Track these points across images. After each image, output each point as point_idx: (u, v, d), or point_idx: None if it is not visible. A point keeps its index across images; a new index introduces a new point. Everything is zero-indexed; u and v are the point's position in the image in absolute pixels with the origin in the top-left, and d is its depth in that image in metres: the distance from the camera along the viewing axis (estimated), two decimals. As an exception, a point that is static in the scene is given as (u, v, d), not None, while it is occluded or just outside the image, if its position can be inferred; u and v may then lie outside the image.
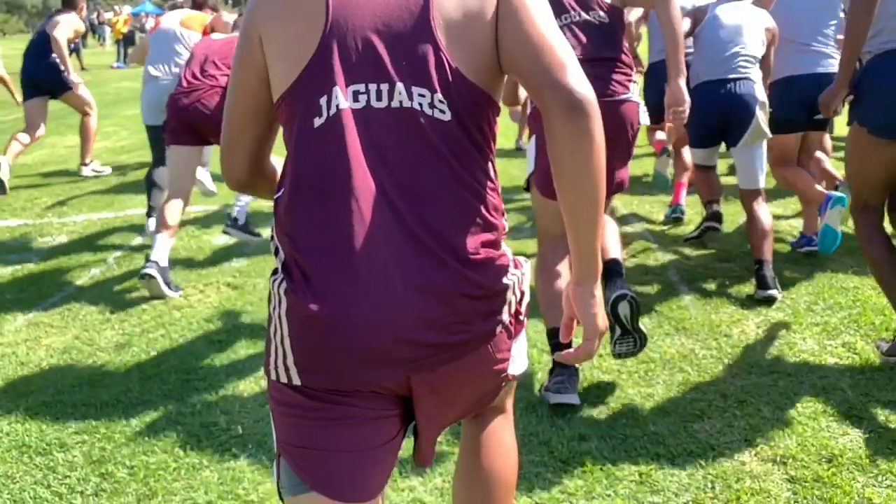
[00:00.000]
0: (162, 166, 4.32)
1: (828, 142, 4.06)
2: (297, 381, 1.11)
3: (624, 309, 2.47)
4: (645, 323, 3.02)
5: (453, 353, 1.11)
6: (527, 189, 2.70)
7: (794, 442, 2.18)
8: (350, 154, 1.08)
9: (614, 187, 2.54)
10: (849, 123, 2.67)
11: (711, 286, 3.40)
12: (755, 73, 3.42)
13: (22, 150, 5.88)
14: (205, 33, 4.40)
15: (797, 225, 4.10)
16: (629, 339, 2.52)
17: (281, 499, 1.19)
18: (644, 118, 2.58)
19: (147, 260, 3.53)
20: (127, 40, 21.00)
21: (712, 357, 2.73)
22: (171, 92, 3.87)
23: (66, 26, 5.93)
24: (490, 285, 1.12)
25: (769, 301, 3.16)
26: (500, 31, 1.11)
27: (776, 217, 4.38)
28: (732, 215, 4.49)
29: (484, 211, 1.13)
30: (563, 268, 2.51)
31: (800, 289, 3.31)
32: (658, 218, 4.52)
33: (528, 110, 2.61)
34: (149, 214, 4.59)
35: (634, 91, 2.54)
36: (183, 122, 3.72)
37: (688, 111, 2.66)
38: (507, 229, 1.20)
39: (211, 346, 2.96)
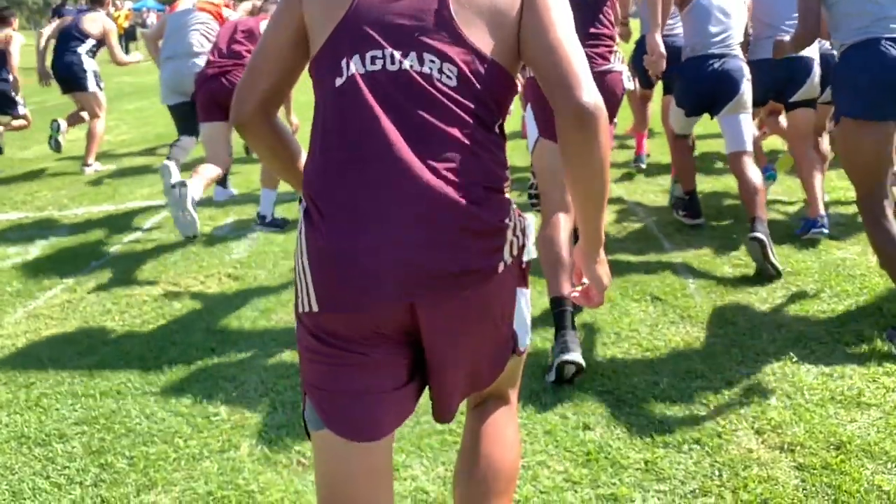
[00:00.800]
0: (185, 136, 4.66)
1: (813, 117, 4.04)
2: (316, 310, 1.20)
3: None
4: (649, 311, 2.99)
5: (454, 283, 1.18)
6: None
7: (801, 429, 2.15)
8: (365, 109, 1.18)
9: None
10: (836, 122, 2.79)
11: (717, 275, 3.36)
12: (740, 50, 3.67)
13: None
14: (218, 17, 4.63)
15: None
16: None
17: (307, 433, 1.30)
18: (628, 84, 2.82)
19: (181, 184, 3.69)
20: (128, 35, 20.94)
21: (718, 345, 2.70)
22: (185, 73, 4.28)
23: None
24: (491, 221, 1.20)
25: (760, 245, 3.19)
26: (522, 25, 1.23)
27: (781, 203, 4.35)
28: (734, 208, 4.45)
29: (489, 161, 1.22)
30: (564, 236, 2.62)
31: (806, 276, 3.27)
32: (662, 205, 4.47)
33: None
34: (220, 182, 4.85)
35: (616, 60, 2.76)
36: (211, 99, 3.95)
37: (663, 63, 3.10)
38: (511, 182, 1.28)
39: (211, 337, 2.94)
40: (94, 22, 6.22)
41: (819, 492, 1.88)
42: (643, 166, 5.32)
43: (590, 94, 1.15)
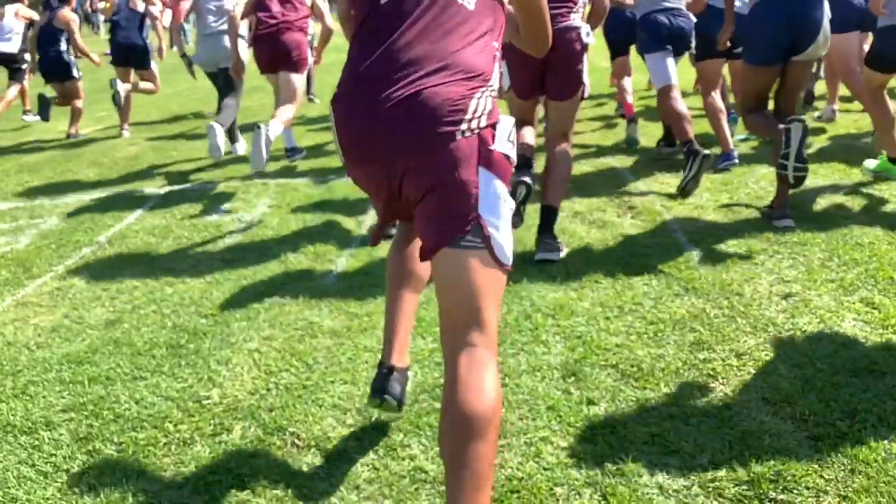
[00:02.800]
0: (227, 98, 5.40)
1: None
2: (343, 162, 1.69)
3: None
4: (653, 284, 2.91)
5: (426, 144, 1.53)
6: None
7: (814, 399, 2.07)
8: (393, 15, 1.61)
9: (580, 94, 3.28)
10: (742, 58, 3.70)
11: (721, 247, 3.28)
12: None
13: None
14: None
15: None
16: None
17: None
18: (588, 39, 3.22)
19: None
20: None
21: (724, 316, 2.61)
22: (217, 48, 5.33)
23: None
24: (459, 96, 1.54)
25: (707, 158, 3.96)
26: None
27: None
28: (735, 181, 4.36)
29: (477, 60, 1.60)
30: (529, 137, 3.41)
31: (813, 246, 3.18)
32: (664, 181, 4.38)
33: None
34: (232, 140, 5.83)
35: (576, 18, 3.19)
36: (272, 55, 4.72)
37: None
38: (492, 84, 1.63)
39: (203, 321, 2.86)
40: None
41: (835, 462, 1.81)
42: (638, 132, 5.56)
43: None
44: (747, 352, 2.36)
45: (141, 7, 7.08)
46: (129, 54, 7.10)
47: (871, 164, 4.19)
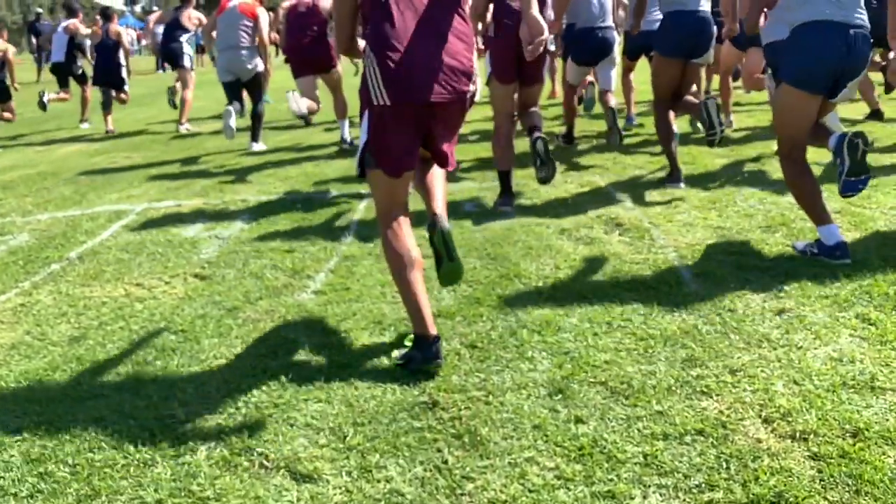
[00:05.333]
0: (236, 102, 6.50)
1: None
2: (383, 101, 2.29)
3: (540, 145, 4.19)
4: (642, 300, 2.81)
5: (452, 97, 2.34)
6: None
7: (813, 416, 1.96)
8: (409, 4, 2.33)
9: (543, 81, 4.53)
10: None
11: (711, 263, 3.18)
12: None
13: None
14: (251, 14, 6.50)
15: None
16: (547, 167, 4.21)
17: (362, 173, 2.46)
18: (551, 46, 4.97)
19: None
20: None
21: (716, 332, 2.51)
22: (234, 60, 6.49)
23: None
24: (469, 65, 2.39)
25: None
26: None
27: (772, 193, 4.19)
28: (729, 194, 4.30)
29: (467, 30, 2.40)
30: (511, 133, 4.41)
31: (805, 263, 3.09)
32: (652, 199, 4.31)
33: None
34: (254, 139, 6.88)
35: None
36: (302, 62, 6.22)
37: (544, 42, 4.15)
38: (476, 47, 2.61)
39: (173, 337, 2.72)
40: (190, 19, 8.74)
41: (839, 482, 1.70)
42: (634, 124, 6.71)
43: None
44: (742, 368, 2.26)
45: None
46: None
47: None
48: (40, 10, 19.40)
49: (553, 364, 2.35)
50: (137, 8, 55.88)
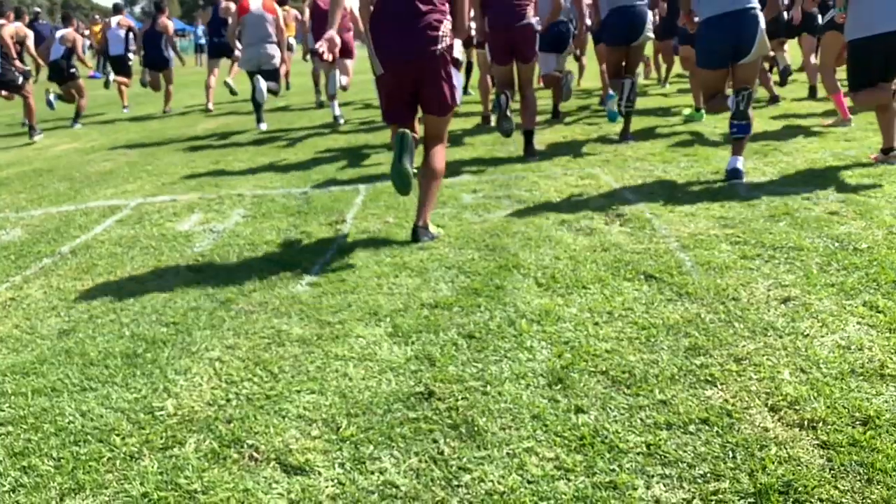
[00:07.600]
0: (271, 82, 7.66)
1: None
2: (379, 71, 3.43)
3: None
4: (644, 290, 2.75)
5: (427, 53, 3.36)
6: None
7: (822, 405, 1.90)
8: None
9: (535, 60, 5.49)
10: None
11: (714, 252, 3.12)
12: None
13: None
14: (273, 11, 7.61)
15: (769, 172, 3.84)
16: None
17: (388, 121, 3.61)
18: (538, 27, 5.35)
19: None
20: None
21: (721, 321, 2.45)
22: (260, 52, 7.56)
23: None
24: (438, 26, 3.39)
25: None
26: None
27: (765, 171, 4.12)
28: (732, 186, 4.23)
29: (440, 12, 3.42)
30: (508, 103, 5.45)
31: (810, 252, 3.03)
32: (653, 190, 4.25)
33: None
34: (259, 120, 7.85)
35: (530, 14, 5.24)
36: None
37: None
38: (448, 19, 3.43)
39: (164, 329, 2.66)
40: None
41: (849, 471, 1.63)
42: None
43: None
44: (747, 356, 2.19)
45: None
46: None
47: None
48: (39, 9, 19.37)
49: (552, 354, 2.28)
50: (137, 9, 55.98)
